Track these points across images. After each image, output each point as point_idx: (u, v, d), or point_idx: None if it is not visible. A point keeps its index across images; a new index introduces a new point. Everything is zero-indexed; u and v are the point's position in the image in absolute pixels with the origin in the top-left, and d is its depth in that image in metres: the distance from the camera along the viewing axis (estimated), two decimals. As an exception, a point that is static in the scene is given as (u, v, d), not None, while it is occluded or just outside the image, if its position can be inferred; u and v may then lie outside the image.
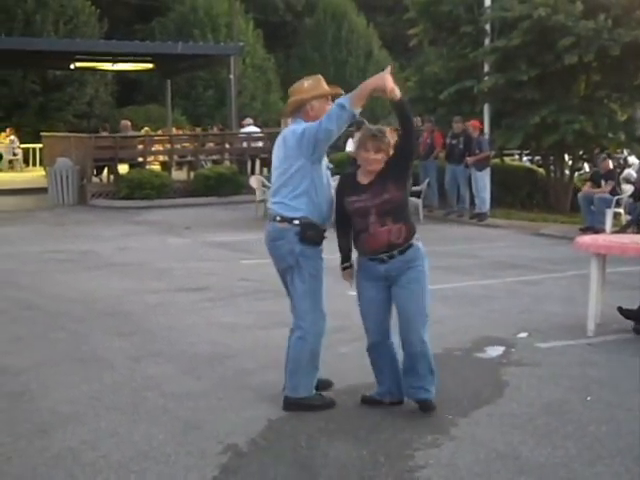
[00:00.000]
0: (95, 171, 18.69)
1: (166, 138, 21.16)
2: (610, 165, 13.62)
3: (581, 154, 17.17)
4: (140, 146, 19.31)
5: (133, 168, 18.33)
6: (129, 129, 19.81)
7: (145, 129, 24.98)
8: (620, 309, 6.68)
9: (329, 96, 4.82)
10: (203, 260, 10.54)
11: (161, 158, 20.64)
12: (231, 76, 22.06)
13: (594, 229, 11.99)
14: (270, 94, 38.15)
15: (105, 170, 18.95)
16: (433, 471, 3.97)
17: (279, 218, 4.71)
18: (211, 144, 21.20)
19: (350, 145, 17.24)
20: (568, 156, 16.66)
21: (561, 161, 16.59)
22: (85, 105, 33.48)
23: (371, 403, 4.88)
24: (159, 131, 25.00)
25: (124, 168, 18.47)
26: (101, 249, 11.34)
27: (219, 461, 4.10)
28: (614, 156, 17.42)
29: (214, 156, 20.93)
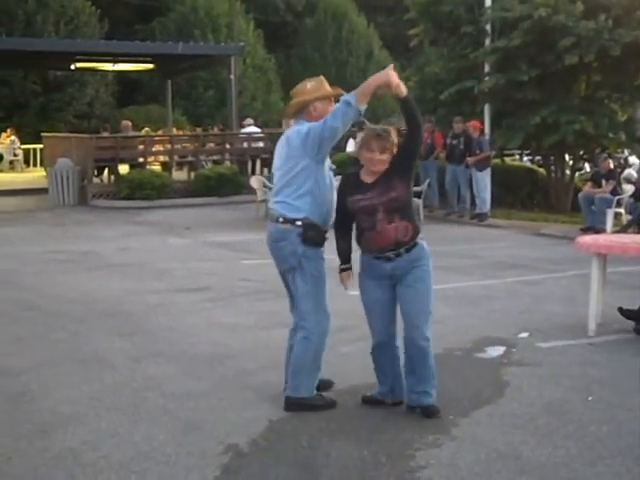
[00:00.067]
0: (96, 171, 18.66)
1: (167, 138, 21.15)
2: (611, 165, 13.63)
3: (582, 154, 17.17)
4: (141, 146, 19.31)
5: (134, 168, 18.33)
6: (130, 129, 19.82)
7: (146, 129, 24.94)
8: (620, 309, 6.67)
9: (332, 97, 4.82)
10: (204, 260, 10.54)
11: (162, 158, 20.60)
12: (232, 76, 22.05)
13: (595, 229, 11.99)
14: (270, 94, 38.12)
15: (106, 170, 18.93)
16: (434, 471, 3.97)
17: (281, 219, 4.70)
18: (212, 144, 21.16)
19: (351, 146, 17.20)
20: (569, 156, 16.66)
21: (562, 161, 16.59)
22: (86, 105, 33.45)
23: (372, 403, 4.88)
24: (159, 131, 24.96)
25: (125, 168, 18.46)
26: (102, 249, 11.34)
27: (220, 461, 4.09)
28: (615, 156, 17.45)
29: (214, 156, 20.91)
